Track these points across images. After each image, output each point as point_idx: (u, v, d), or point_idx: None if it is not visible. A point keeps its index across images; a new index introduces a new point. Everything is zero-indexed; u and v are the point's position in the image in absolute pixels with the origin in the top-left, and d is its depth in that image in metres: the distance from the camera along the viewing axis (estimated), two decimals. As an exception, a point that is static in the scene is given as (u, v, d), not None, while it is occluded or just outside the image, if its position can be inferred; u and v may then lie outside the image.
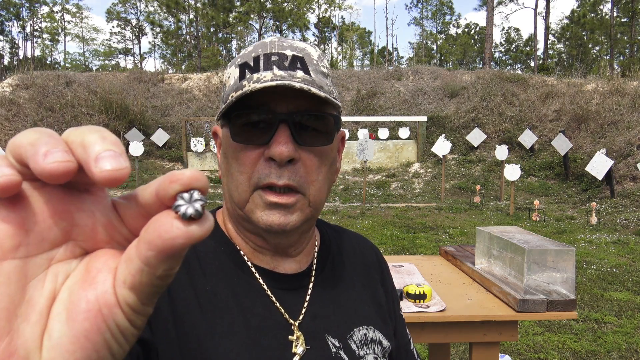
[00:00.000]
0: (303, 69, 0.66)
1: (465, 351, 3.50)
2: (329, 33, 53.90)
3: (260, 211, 0.67)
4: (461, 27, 56.58)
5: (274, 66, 0.65)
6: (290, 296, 0.72)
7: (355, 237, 0.90)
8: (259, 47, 0.69)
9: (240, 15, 41.54)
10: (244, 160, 0.66)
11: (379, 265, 0.89)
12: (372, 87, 17.01)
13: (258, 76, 0.65)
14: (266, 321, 0.69)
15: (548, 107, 14.06)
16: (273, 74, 0.64)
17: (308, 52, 0.68)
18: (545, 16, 38.63)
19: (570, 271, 1.78)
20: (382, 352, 0.77)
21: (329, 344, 0.71)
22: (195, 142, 13.86)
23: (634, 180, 10.17)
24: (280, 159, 0.64)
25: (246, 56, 0.68)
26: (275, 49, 0.67)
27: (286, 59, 0.66)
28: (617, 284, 5.09)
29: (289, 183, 0.65)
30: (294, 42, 0.70)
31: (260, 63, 0.66)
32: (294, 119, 0.65)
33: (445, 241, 6.97)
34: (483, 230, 2.13)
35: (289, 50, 0.67)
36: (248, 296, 0.70)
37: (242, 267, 0.72)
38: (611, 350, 3.56)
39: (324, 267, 0.79)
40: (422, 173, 13.44)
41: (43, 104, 13.77)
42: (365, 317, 0.78)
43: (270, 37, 0.70)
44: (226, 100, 0.67)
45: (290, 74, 0.65)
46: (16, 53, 50.20)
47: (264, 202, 0.66)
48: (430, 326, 1.71)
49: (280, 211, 0.67)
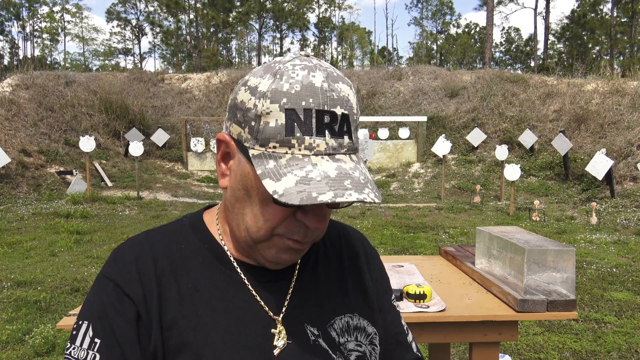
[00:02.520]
0: (348, 133, 0.65)
1: (465, 351, 3.50)
2: (329, 33, 53.89)
3: (275, 251, 0.70)
4: (461, 27, 56.60)
5: (327, 130, 0.62)
6: (273, 289, 0.74)
7: (341, 227, 0.90)
8: (310, 93, 0.62)
9: (240, 15, 41.52)
10: (274, 214, 0.66)
11: (365, 254, 0.89)
12: (372, 87, 17.01)
13: (310, 142, 0.62)
14: (247, 315, 0.70)
15: (548, 107, 14.06)
16: (326, 143, 0.62)
17: (352, 105, 0.66)
18: (545, 16, 38.64)
19: (570, 271, 1.78)
20: (367, 338, 0.78)
21: (307, 333, 0.73)
22: (195, 142, 13.86)
23: (634, 180, 10.17)
24: (315, 229, 0.68)
25: (294, 100, 0.62)
26: (327, 105, 0.63)
27: (336, 120, 0.63)
28: (617, 284, 5.09)
29: (312, 240, 0.71)
30: (341, 87, 0.65)
31: (312, 122, 0.62)
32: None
33: (445, 241, 6.96)
34: (483, 230, 2.13)
35: (339, 107, 0.64)
36: (229, 290, 0.71)
37: (224, 263, 0.74)
38: (611, 350, 3.56)
39: (308, 259, 0.80)
40: (422, 173, 13.44)
41: (43, 104, 13.77)
42: (349, 305, 0.79)
43: (318, 77, 0.64)
44: (263, 144, 0.63)
45: (340, 143, 0.63)
46: (16, 53, 50.20)
47: (285, 246, 0.69)
48: (430, 326, 1.71)
49: (293, 253, 0.71)
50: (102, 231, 7.59)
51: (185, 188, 12.25)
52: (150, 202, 10.23)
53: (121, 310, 0.67)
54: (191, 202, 10.64)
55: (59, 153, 12.37)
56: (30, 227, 7.80)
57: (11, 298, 4.52)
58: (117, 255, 0.72)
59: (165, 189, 11.92)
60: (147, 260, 0.71)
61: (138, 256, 0.71)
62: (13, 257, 6.05)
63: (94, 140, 10.16)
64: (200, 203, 10.46)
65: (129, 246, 0.73)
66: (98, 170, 12.30)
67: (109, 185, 11.78)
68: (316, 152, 0.62)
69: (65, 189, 10.97)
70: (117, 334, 0.66)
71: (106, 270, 0.71)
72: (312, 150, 0.62)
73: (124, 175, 12.73)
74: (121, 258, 0.71)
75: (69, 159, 12.44)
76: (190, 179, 13.37)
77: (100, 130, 14.38)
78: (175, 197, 11.16)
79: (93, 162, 12.47)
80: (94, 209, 9.29)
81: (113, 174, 12.63)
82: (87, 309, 0.69)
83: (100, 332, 0.66)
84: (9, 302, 4.43)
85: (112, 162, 13.30)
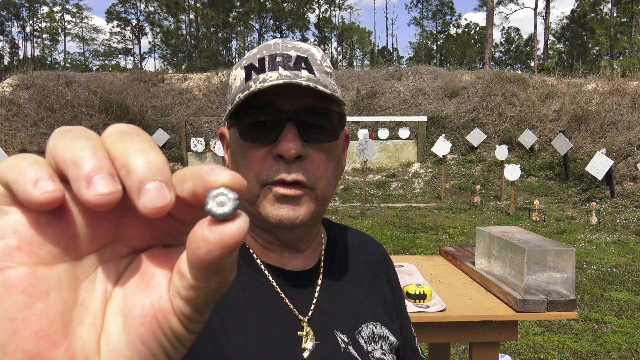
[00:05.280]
0: (307, 69, 0.68)
1: (465, 351, 3.50)
2: (329, 33, 53.91)
3: (270, 205, 0.68)
4: (461, 27, 56.56)
5: (279, 66, 0.67)
6: (299, 293, 0.73)
7: (361, 235, 0.91)
8: (264, 49, 0.71)
9: (240, 15, 41.54)
10: (252, 158, 0.68)
11: (385, 263, 0.90)
12: (372, 87, 17.01)
13: (264, 76, 0.66)
14: (276, 317, 0.70)
15: (548, 107, 14.06)
16: (279, 74, 0.66)
17: (312, 53, 0.71)
18: (545, 16, 38.65)
19: (570, 271, 1.78)
20: (390, 347, 0.78)
21: (338, 340, 0.72)
22: (195, 142, 13.86)
23: (634, 180, 10.17)
24: (289, 155, 0.65)
25: (251, 58, 0.70)
26: (279, 50, 0.69)
27: (290, 59, 0.68)
28: (617, 284, 5.09)
29: (297, 178, 0.67)
30: (297, 43, 0.72)
31: (265, 64, 0.68)
32: (300, 116, 0.67)
33: (445, 241, 6.96)
34: (483, 230, 2.13)
35: (293, 51, 0.69)
36: (258, 293, 0.71)
37: (251, 265, 0.73)
38: (611, 350, 3.56)
39: (332, 264, 0.80)
40: (422, 173, 13.44)
41: (43, 104, 13.78)
42: (373, 313, 0.79)
43: (274, 40, 0.73)
44: (233, 102, 0.69)
45: (295, 74, 0.66)
46: (16, 53, 50.22)
47: (274, 195, 0.68)
48: (430, 326, 1.71)
49: (289, 205, 0.68)
50: (102, 231, 7.59)
51: (185, 188, 12.24)
52: (150, 202, 10.23)
53: None
54: (191, 202, 10.64)
55: (59, 153, 12.39)
56: (30, 227, 7.80)
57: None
58: None
59: (165, 189, 11.92)
60: None
61: None
62: (13, 257, 6.05)
63: (94, 140, 10.16)
64: (200, 203, 10.46)
65: None
66: (98, 170, 12.32)
67: (109, 185, 11.80)
68: (269, 82, 0.65)
69: (65, 189, 10.98)
70: None
71: None
72: (265, 82, 0.65)
73: (124, 175, 12.75)
74: None
75: (69, 159, 12.46)
76: (190, 179, 13.37)
77: (100, 130, 14.30)
78: (175, 197, 11.16)
79: (93, 162, 12.49)
80: (94, 209, 9.29)
81: (113, 174, 12.64)
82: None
83: None
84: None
85: (112, 162, 13.32)
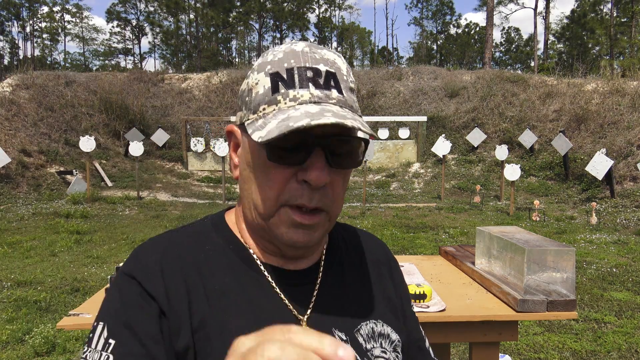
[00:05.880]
0: (336, 88, 0.65)
1: (465, 351, 3.50)
2: (329, 33, 53.90)
3: (285, 228, 0.68)
4: (461, 27, 56.55)
5: (310, 84, 0.64)
6: (299, 291, 0.73)
7: (364, 234, 0.91)
8: (291, 56, 0.66)
9: (240, 15, 41.54)
10: (275, 178, 0.66)
11: (388, 261, 0.90)
12: (372, 87, 17.01)
13: (295, 94, 0.64)
14: (275, 316, 0.69)
15: (548, 107, 14.05)
16: (310, 93, 0.64)
17: (338, 67, 0.68)
18: (545, 16, 38.66)
19: (570, 271, 1.78)
20: (391, 345, 0.77)
21: (335, 338, 0.71)
22: (195, 142, 13.85)
23: (634, 180, 10.17)
24: (317, 185, 0.64)
25: (277, 65, 0.66)
26: (309, 63, 0.65)
27: (320, 75, 0.65)
28: (617, 284, 5.09)
29: (318, 205, 0.66)
30: (324, 52, 0.68)
31: (295, 78, 0.64)
32: (330, 143, 0.65)
33: (445, 241, 6.96)
34: (483, 230, 2.13)
35: (322, 65, 0.66)
36: (256, 293, 0.70)
37: (250, 265, 0.73)
38: (611, 350, 3.56)
39: (332, 263, 0.80)
40: (422, 173, 13.44)
41: (43, 104, 13.77)
42: (374, 311, 0.79)
43: (299, 45, 0.68)
44: (255, 110, 0.66)
45: (326, 95, 0.64)
46: (16, 53, 50.21)
47: (291, 220, 0.67)
48: (430, 326, 1.71)
49: (305, 230, 0.68)
50: (102, 231, 7.59)
51: (185, 188, 12.24)
52: (150, 202, 10.23)
53: (143, 305, 0.64)
54: (191, 202, 10.64)
55: (59, 153, 12.37)
56: (30, 227, 7.80)
57: (11, 298, 4.52)
58: (139, 253, 0.70)
59: (165, 189, 11.91)
60: (172, 260, 0.69)
61: (162, 255, 0.69)
62: (13, 257, 6.05)
63: (94, 140, 10.15)
64: (200, 203, 10.46)
65: (152, 245, 0.71)
66: (98, 170, 12.30)
67: (109, 185, 11.78)
68: (301, 101, 0.63)
69: (65, 189, 10.97)
70: (138, 329, 0.63)
71: (126, 267, 0.69)
72: (296, 101, 0.63)
73: (124, 175, 12.73)
74: (143, 256, 0.69)
75: (69, 159, 12.44)
76: (190, 179, 13.36)
77: (100, 130, 14.38)
78: (175, 197, 11.15)
79: (93, 162, 12.47)
80: (94, 209, 9.29)
81: (113, 174, 12.63)
82: (103, 309, 0.67)
83: (116, 332, 0.63)
84: (9, 302, 4.43)
85: (112, 162, 13.30)
